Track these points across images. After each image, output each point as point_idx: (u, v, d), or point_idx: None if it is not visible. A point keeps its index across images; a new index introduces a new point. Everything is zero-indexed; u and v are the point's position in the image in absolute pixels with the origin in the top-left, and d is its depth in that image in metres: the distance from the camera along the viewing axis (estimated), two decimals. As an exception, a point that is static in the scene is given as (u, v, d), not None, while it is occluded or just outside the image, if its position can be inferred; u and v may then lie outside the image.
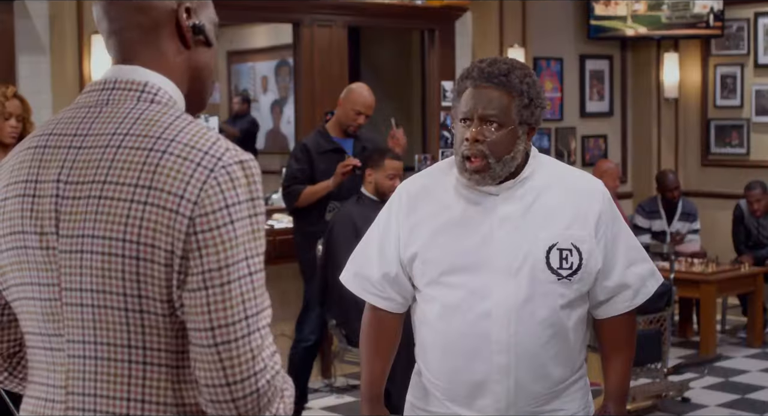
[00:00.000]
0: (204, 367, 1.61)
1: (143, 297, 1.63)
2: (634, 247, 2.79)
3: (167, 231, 1.60)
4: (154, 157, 1.63)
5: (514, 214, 2.65)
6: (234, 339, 1.60)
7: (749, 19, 9.23)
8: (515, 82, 2.62)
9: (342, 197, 5.95)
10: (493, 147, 2.61)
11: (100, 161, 1.66)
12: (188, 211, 1.60)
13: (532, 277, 2.62)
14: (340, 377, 7.02)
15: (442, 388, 2.71)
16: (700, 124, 9.69)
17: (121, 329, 1.65)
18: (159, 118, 1.69)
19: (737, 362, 7.52)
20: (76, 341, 1.69)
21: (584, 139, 9.36)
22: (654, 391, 6.34)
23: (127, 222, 1.62)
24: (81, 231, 1.66)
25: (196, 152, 1.63)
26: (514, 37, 8.43)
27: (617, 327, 2.82)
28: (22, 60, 6.16)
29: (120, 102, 1.72)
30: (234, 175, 1.63)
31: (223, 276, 1.60)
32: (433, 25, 7.99)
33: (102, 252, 1.63)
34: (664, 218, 8.55)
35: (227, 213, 1.61)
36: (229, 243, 1.60)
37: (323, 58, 7.32)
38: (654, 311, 6.40)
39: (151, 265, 1.61)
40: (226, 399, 1.61)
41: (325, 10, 7.32)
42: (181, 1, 1.77)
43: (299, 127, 7.39)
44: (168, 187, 1.61)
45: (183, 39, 1.78)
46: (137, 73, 1.74)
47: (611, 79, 9.54)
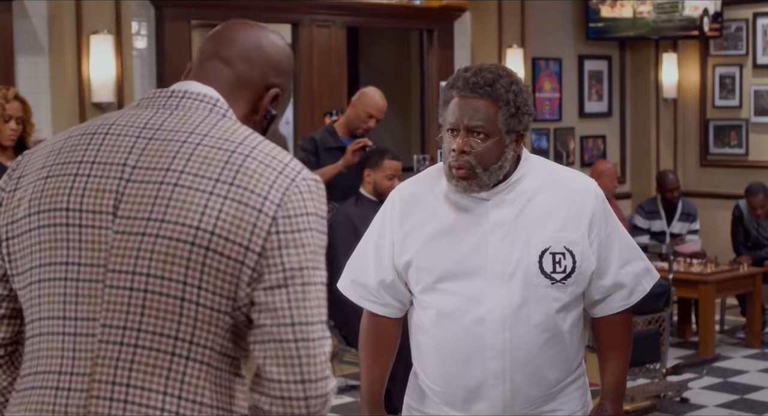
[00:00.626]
0: (279, 363, 1.63)
1: (203, 289, 1.63)
2: (629, 246, 2.79)
3: (247, 226, 1.63)
4: (237, 158, 1.67)
5: (506, 219, 2.65)
6: (313, 338, 1.64)
7: (748, 20, 9.23)
8: (501, 92, 2.60)
9: (340, 198, 5.95)
10: (480, 157, 2.60)
11: (178, 152, 1.68)
12: (272, 212, 1.64)
13: (525, 282, 2.62)
14: (339, 377, 7.02)
15: (439, 393, 2.71)
16: (698, 125, 9.69)
17: (171, 319, 1.63)
18: (236, 129, 1.74)
19: (736, 362, 7.52)
20: (114, 326, 1.65)
21: (583, 140, 9.36)
22: (653, 391, 6.34)
23: (204, 211, 1.63)
24: (147, 215, 1.65)
25: (277, 162, 1.69)
26: (513, 38, 8.43)
27: (613, 325, 2.82)
28: (20, 60, 6.16)
29: (191, 109, 1.76)
30: (312, 188, 1.70)
31: (304, 277, 1.64)
32: (432, 25, 7.99)
33: (169, 237, 1.63)
34: (664, 218, 8.55)
35: (307, 220, 1.67)
36: (309, 247, 1.66)
37: (322, 59, 7.32)
38: (653, 311, 6.40)
39: (221, 258, 1.63)
40: (299, 396, 1.63)
41: (324, 11, 7.33)
42: (277, 87, 1.84)
43: (298, 127, 7.39)
44: (252, 187, 1.65)
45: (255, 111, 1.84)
46: (210, 90, 1.79)
47: (610, 79, 9.55)
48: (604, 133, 9.55)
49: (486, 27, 8.34)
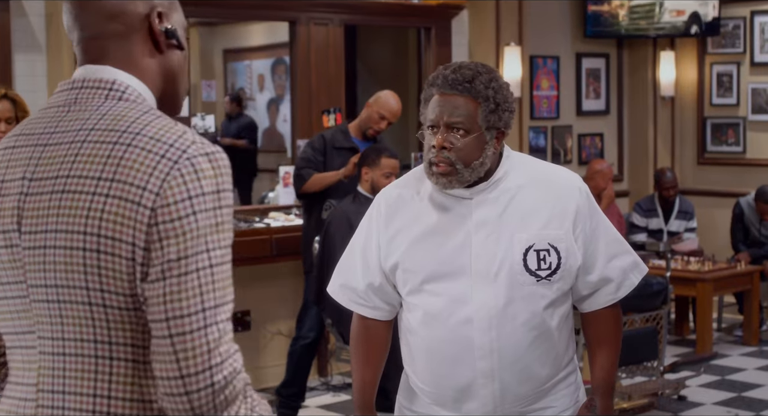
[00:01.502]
0: (159, 359, 1.59)
1: (105, 292, 1.61)
2: (615, 240, 2.78)
3: (129, 223, 1.59)
4: (118, 150, 1.62)
5: (490, 218, 2.65)
6: (189, 331, 1.57)
7: (745, 18, 9.23)
8: (480, 88, 2.61)
9: (338, 195, 5.95)
10: (460, 153, 2.60)
11: (65, 156, 1.66)
12: (150, 202, 1.58)
13: (510, 281, 2.62)
14: (336, 375, 7.02)
15: (430, 393, 2.72)
16: (696, 123, 9.69)
17: (86, 324, 1.63)
18: (126, 113, 1.68)
19: (733, 360, 7.53)
20: (46, 338, 1.68)
21: (580, 138, 9.36)
22: (650, 389, 6.34)
23: (89, 214, 1.60)
24: (44, 227, 1.65)
25: (161, 145, 1.62)
26: (511, 36, 8.43)
27: (602, 320, 2.81)
28: (18, 58, 6.15)
29: (88, 100, 1.72)
30: (199, 167, 1.61)
31: (181, 267, 1.58)
32: (430, 23, 7.99)
33: (64, 247, 1.62)
34: (661, 216, 8.55)
35: (189, 205, 1.59)
36: (190, 234, 1.58)
37: (320, 57, 7.31)
38: (650, 309, 6.40)
39: (113, 258, 1.60)
40: (179, 392, 1.58)
41: (322, 9, 7.32)
42: (153, 6, 1.76)
43: (295, 125, 7.39)
44: (131, 179, 1.60)
45: (156, 43, 1.77)
46: (106, 72, 1.74)
47: (607, 77, 9.54)
48: (602, 130, 9.55)
49: (483, 25, 8.34)
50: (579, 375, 2.84)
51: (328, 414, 6.37)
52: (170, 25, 1.78)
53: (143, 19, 1.76)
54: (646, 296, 6.28)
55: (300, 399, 6.15)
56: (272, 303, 6.99)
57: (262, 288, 6.91)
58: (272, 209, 7.16)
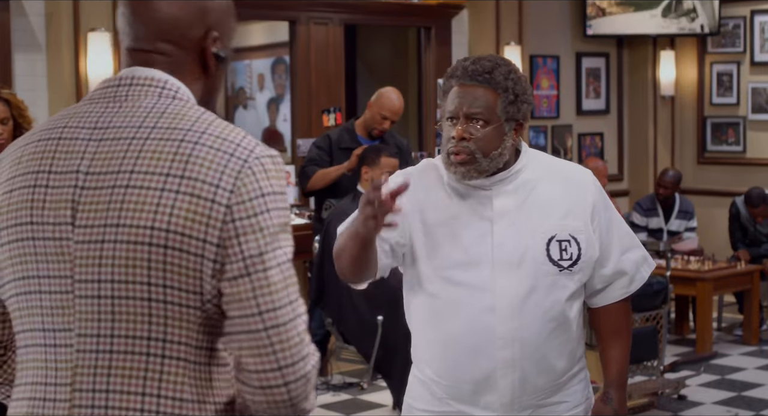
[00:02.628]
0: (254, 353, 1.62)
1: (168, 287, 1.62)
2: (627, 234, 2.83)
3: (201, 219, 1.60)
4: (185, 148, 1.63)
5: (510, 208, 2.66)
6: (282, 323, 1.62)
7: (745, 17, 9.23)
8: (499, 79, 2.63)
9: (339, 195, 5.96)
10: (480, 143, 2.62)
11: (126, 152, 1.65)
12: (225, 200, 1.61)
13: (534, 270, 2.63)
14: (336, 375, 7.02)
15: (446, 386, 2.70)
16: (696, 122, 9.69)
17: (142, 320, 1.63)
18: (185, 112, 1.69)
19: (733, 360, 7.52)
20: (89, 335, 1.66)
21: (580, 137, 9.36)
22: (650, 389, 6.34)
23: (157, 210, 1.61)
24: (103, 221, 1.64)
25: (228, 143, 1.65)
26: (511, 35, 8.43)
27: (614, 314, 2.83)
28: (18, 58, 6.15)
29: (140, 97, 1.71)
30: (267, 167, 1.65)
31: (265, 262, 1.61)
32: (430, 22, 7.99)
33: (127, 241, 1.62)
34: (662, 216, 8.54)
35: (264, 202, 1.63)
36: (267, 230, 1.62)
37: (320, 56, 7.31)
38: (650, 308, 6.40)
39: (180, 254, 1.61)
40: (278, 383, 1.63)
41: (322, 8, 7.32)
42: (209, 29, 1.77)
43: (295, 124, 7.39)
44: (203, 177, 1.61)
45: (206, 66, 1.78)
46: (157, 72, 1.74)
47: (607, 76, 9.55)
48: (602, 130, 9.55)
49: (483, 24, 8.34)
50: (587, 372, 2.85)
51: (328, 413, 6.36)
52: (223, 51, 1.79)
53: (197, 42, 1.76)
54: (646, 295, 6.27)
55: None
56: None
57: (262, 287, 6.91)
58: (272, 208, 7.15)
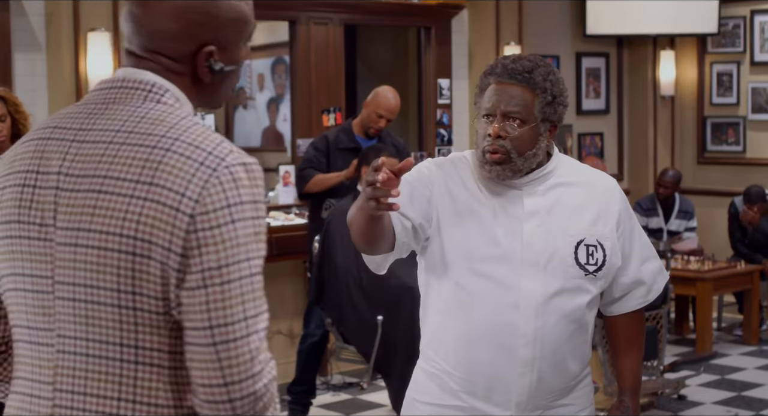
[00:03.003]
0: (201, 367, 1.60)
1: (137, 294, 1.61)
2: (647, 244, 2.84)
3: (166, 227, 1.59)
4: (156, 154, 1.62)
5: (541, 208, 2.67)
6: (233, 339, 1.59)
7: (745, 17, 9.24)
8: (539, 80, 2.64)
9: (339, 195, 5.96)
10: (515, 143, 2.61)
11: (102, 156, 1.66)
12: (189, 209, 1.59)
13: (562, 272, 2.64)
14: (336, 375, 7.02)
15: (460, 379, 2.67)
16: (696, 122, 9.69)
17: (113, 326, 1.63)
18: (165, 117, 1.68)
19: (733, 360, 7.53)
20: (67, 336, 1.67)
21: (580, 137, 9.36)
22: (650, 389, 6.34)
23: (125, 217, 1.61)
24: (78, 225, 1.65)
25: (200, 151, 1.62)
26: (511, 35, 8.42)
27: (631, 323, 2.86)
28: (18, 58, 6.15)
29: (126, 100, 1.72)
30: (237, 176, 1.62)
31: (223, 275, 1.59)
32: (430, 22, 7.99)
33: (97, 247, 1.62)
34: (662, 216, 8.54)
35: (229, 213, 1.60)
36: (230, 242, 1.59)
37: (320, 56, 7.31)
38: (650, 308, 6.39)
39: (147, 261, 1.60)
40: (223, 399, 1.60)
41: (322, 8, 7.32)
42: (203, 45, 1.75)
43: (295, 124, 7.39)
44: (170, 184, 1.60)
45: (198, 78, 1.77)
46: (145, 75, 1.74)
47: (607, 76, 9.55)
48: (602, 130, 9.55)
49: (483, 24, 8.34)
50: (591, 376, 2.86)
51: (328, 413, 6.36)
52: (220, 65, 1.76)
53: (189, 56, 1.75)
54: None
55: (310, 395, 6.14)
56: (272, 302, 6.92)
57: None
58: (272, 208, 7.15)
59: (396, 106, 6.15)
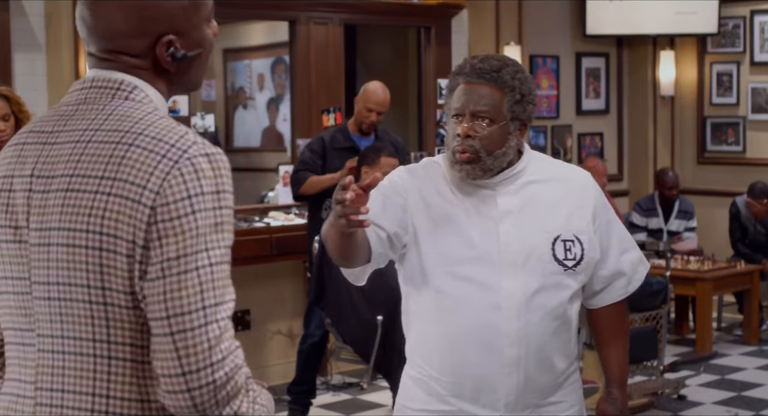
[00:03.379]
0: (160, 357, 1.60)
1: (106, 289, 1.63)
2: (625, 235, 2.85)
3: (129, 221, 1.60)
4: (120, 150, 1.64)
5: (515, 208, 2.68)
6: (190, 328, 1.58)
7: (745, 17, 9.23)
8: (507, 78, 2.64)
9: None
10: (484, 142, 2.62)
11: (70, 155, 1.68)
12: (150, 201, 1.60)
13: (541, 269, 2.65)
14: (336, 375, 7.02)
15: (447, 383, 2.68)
16: (696, 122, 9.69)
17: (86, 322, 1.65)
18: (131, 113, 1.69)
19: (733, 360, 7.52)
20: (45, 335, 1.69)
21: (580, 137, 9.36)
22: (650, 389, 6.34)
23: (91, 213, 1.62)
24: (49, 225, 1.67)
25: (162, 144, 1.63)
26: (511, 35, 8.42)
27: (613, 314, 2.86)
28: (18, 58, 6.15)
29: (96, 100, 1.73)
30: (199, 167, 1.62)
31: (180, 265, 1.59)
32: (430, 22, 7.99)
33: (66, 244, 1.64)
34: (661, 216, 8.55)
35: (189, 204, 1.60)
36: (189, 233, 1.60)
37: (319, 56, 7.31)
38: (650, 308, 6.40)
39: (114, 256, 1.61)
40: (181, 389, 1.59)
41: (322, 8, 7.32)
42: (159, 36, 1.74)
43: (295, 124, 7.39)
44: (132, 178, 1.61)
45: (163, 69, 1.76)
46: (115, 74, 1.75)
47: (607, 76, 9.54)
48: (602, 130, 9.55)
49: (483, 24, 8.34)
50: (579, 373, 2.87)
51: (328, 413, 6.36)
52: (181, 52, 1.75)
53: (148, 49, 1.75)
54: (645, 295, 6.28)
55: (310, 396, 6.14)
56: (272, 302, 6.99)
57: (262, 287, 6.91)
58: (272, 208, 7.15)
59: (385, 98, 6.15)
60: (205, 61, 1.83)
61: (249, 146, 9.84)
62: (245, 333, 6.80)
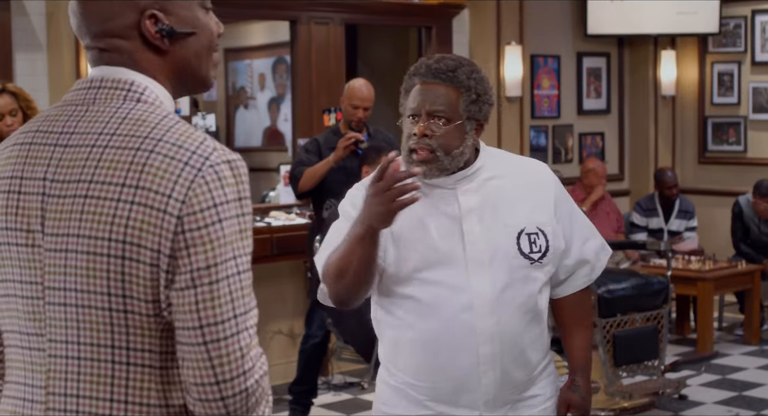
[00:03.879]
0: (193, 366, 1.60)
1: (128, 297, 1.62)
2: (586, 224, 2.87)
3: (154, 230, 1.59)
4: (141, 157, 1.62)
5: (476, 206, 2.68)
6: (223, 337, 1.59)
7: (746, 17, 9.23)
8: (462, 78, 2.65)
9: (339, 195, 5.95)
10: (441, 141, 2.63)
11: (87, 160, 1.66)
12: (176, 210, 1.59)
13: (507, 265, 2.66)
14: (337, 374, 7.02)
15: (423, 388, 2.69)
16: (697, 122, 9.69)
17: (105, 329, 1.64)
18: (146, 117, 1.68)
19: (734, 359, 7.52)
20: (58, 341, 1.68)
21: (581, 137, 9.36)
22: (651, 388, 6.34)
23: (113, 221, 1.61)
24: (66, 231, 1.65)
25: (183, 151, 1.62)
26: (511, 35, 8.43)
27: (578, 302, 2.89)
28: (19, 57, 6.15)
29: (106, 100, 1.71)
30: (222, 174, 1.62)
31: (212, 275, 1.59)
32: (431, 22, 7.99)
33: (87, 252, 1.63)
34: (662, 216, 8.55)
35: (215, 212, 1.60)
36: (217, 242, 1.60)
37: (320, 56, 7.32)
38: (651, 308, 6.40)
39: (137, 265, 1.61)
40: (215, 397, 1.60)
41: (323, 8, 7.32)
42: (143, 10, 1.72)
43: (296, 124, 7.39)
44: (156, 187, 1.60)
45: (155, 47, 1.74)
46: (122, 73, 1.73)
47: (608, 76, 9.54)
48: (603, 130, 9.55)
49: (484, 24, 8.34)
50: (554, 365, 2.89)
51: (328, 413, 6.37)
52: (166, 24, 1.73)
53: (135, 28, 1.73)
54: (646, 295, 6.28)
55: (311, 395, 6.14)
56: (273, 302, 6.99)
57: (263, 287, 6.91)
58: (273, 208, 7.16)
59: (368, 93, 6.17)
60: (206, 50, 1.80)
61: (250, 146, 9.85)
62: (246, 333, 6.79)
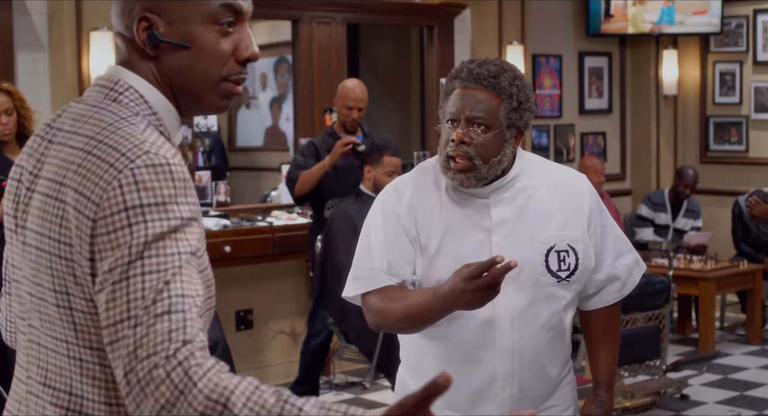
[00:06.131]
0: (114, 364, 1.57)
1: (70, 295, 1.63)
2: (621, 239, 2.80)
3: (78, 233, 1.59)
4: (78, 157, 1.62)
5: (508, 218, 2.62)
6: (131, 334, 1.52)
7: (748, 17, 9.23)
8: (504, 85, 2.58)
9: (341, 195, 5.96)
10: (480, 149, 2.56)
11: (55, 158, 1.68)
12: (92, 213, 1.58)
13: (533, 282, 2.60)
14: (338, 374, 7.02)
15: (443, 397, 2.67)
16: (699, 121, 9.69)
17: (59, 324, 1.66)
18: (104, 117, 1.66)
19: (736, 359, 7.52)
20: (34, 327, 1.71)
21: (583, 136, 9.35)
22: (653, 388, 6.34)
23: (53, 220, 1.63)
24: (28, 225, 1.69)
25: (114, 153, 1.59)
26: (513, 34, 8.42)
27: (606, 317, 2.84)
28: (20, 57, 6.15)
29: (90, 98, 1.73)
30: (140, 178, 1.56)
31: (121, 273, 1.54)
32: (432, 22, 7.99)
33: (38, 248, 1.66)
34: (670, 212, 8.58)
35: (126, 216, 1.55)
36: (126, 246, 1.54)
37: (322, 56, 7.31)
38: (653, 308, 6.39)
39: (71, 264, 1.61)
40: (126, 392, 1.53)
41: (324, 7, 7.32)
42: (137, 14, 1.71)
43: (298, 124, 7.39)
44: (81, 188, 1.59)
45: (143, 52, 1.73)
46: (116, 72, 1.74)
47: (610, 76, 9.54)
48: (604, 129, 9.55)
49: (486, 24, 8.34)
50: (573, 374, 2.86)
51: (330, 412, 6.36)
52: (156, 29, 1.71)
53: (130, 31, 1.73)
54: (648, 295, 6.28)
55: (313, 395, 6.14)
56: (274, 301, 6.99)
57: (265, 286, 6.91)
58: (274, 208, 7.16)
59: (361, 94, 6.16)
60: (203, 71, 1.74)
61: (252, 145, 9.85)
62: (247, 333, 6.79)
